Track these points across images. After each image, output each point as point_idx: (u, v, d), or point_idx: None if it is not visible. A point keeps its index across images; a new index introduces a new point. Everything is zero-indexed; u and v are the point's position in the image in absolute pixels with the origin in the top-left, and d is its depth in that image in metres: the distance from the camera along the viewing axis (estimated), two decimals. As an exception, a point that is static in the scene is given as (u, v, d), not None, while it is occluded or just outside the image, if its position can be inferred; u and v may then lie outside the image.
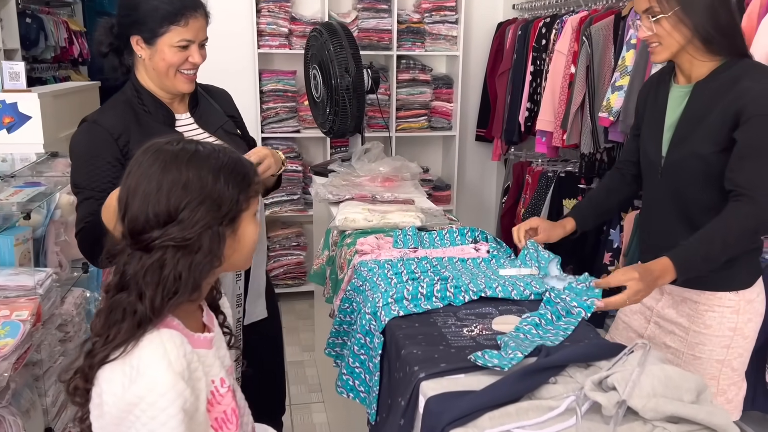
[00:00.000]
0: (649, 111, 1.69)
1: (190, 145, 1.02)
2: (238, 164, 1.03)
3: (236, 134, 1.80)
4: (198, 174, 0.97)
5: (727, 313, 1.58)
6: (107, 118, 1.62)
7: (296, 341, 3.62)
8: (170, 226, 0.95)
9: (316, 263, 2.11)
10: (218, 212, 0.98)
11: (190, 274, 0.96)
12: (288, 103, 3.87)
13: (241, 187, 1.01)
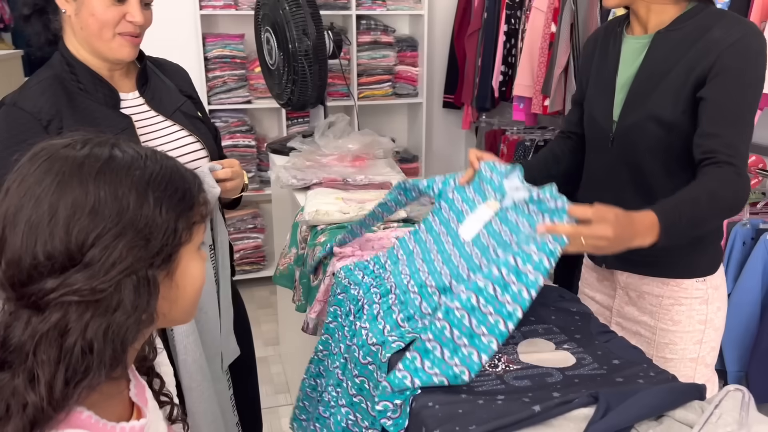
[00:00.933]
0: (596, 69, 1.44)
1: (102, 148, 0.69)
2: (176, 176, 0.72)
3: (197, 117, 1.46)
4: (114, 192, 0.66)
5: (696, 304, 1.39)
6: (31, 99, 1.26)
7: (258, 334, 3.28)
8: (72, 272, 0.64)
9: (282, 263, 1.80)
10: (146, 249, 0.67)
11: (106, 344, 0.64)
12: (236, 70, 3.48)
13: (180, 211, 0.71)
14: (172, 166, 0.72)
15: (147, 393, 0.80)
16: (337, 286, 1.37)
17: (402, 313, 1.13)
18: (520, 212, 1.11)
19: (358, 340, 1.14)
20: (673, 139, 1.29)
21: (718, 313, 1.42)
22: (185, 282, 0.73)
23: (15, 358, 0.63)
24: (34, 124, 1.22)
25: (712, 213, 1.20)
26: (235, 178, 1.37)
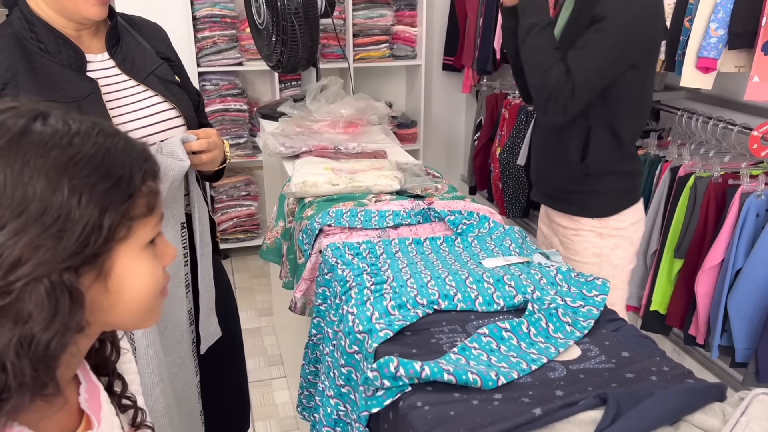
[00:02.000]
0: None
1: (18, 119, 0.56)
2: (111, 159, 0.58)
3: (174, 82, 1.33)
4: (18, 176, 0.53)
5: (591, 237, 1.64)
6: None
7: (251, 304, 3.23)
8: None
9: (269, 237, 1.70)
10: (56, 249, 0.54)
11: (21, 361, 0.53)
12: (227, 30, 3.32)
13: (109, 202, 0.57)
14: (108, 147, 0.58)
15: (102, 397, 0.71)
16: (324, 265, 1.27)
17: (394, 300, 1.04)
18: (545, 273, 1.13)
19: (344, 326, 1.05)
20: None
21: (615, 250, 1.63)
22: (125, 286, 0.61)
23: None
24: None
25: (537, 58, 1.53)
26: (213, 149, 1.26)
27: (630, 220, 1.66)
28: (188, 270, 1.31)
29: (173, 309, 1.27)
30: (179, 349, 1.30)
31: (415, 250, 1.28)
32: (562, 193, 1.68)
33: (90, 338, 0.65)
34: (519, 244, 1.30)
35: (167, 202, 1.22)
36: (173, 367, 1.29)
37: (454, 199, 1.52)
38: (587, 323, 1.00)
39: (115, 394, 0.75)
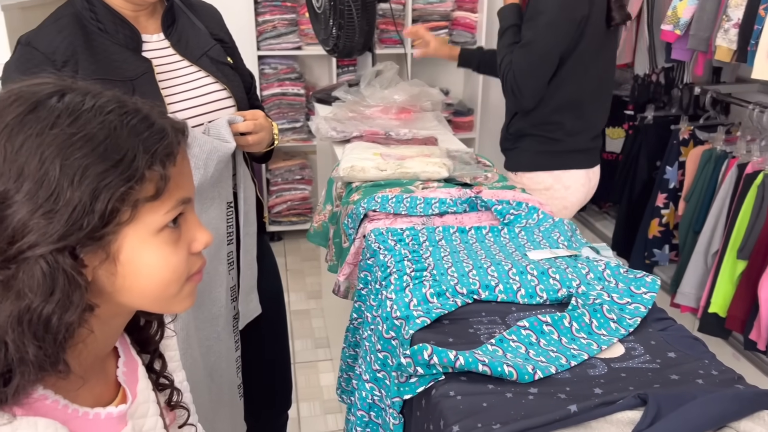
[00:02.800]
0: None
1: (34, 94, 0.57)
2: (113, 137, 0.57)
3: (226, 63, 1.35)
4: (14, 152, 0.54)
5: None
6: (45, 37, 1.18)
7: (301, 286, 3.28)
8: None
9: (317, 220, 1.71)
10: (48, 229, 0.54)
11: (24, 337, 0.54)
12: (287, 14, 3.35)
13: (105, 183, 0.56)
14: (116, 126, 0.57)
15: (139, 371, 0.73)
16: (367, 250, 1.27)
17: (433, 288, 1.03)
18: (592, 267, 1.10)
19: (382, 311, 1.04)
20: None
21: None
22: (135, 271, 0.60)
23: None
24: (47, 65, 1.14)
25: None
26: (259, 131, 1.27)
27: (544, 183, 1.88)
28: (233, 248, 1.33)
29: (212, 285, 1.30)
30: (216, 323, 1.33)
31: (459, 238, 1.26)
32: (502, 149, 2.05)
33: (111, 319, 0.65)
34: (568, 237, 1.26)
35: (214, 181, 1.24)
36: (208, 340, 1.32)
37: (503, 189, 1.49)
38: (633, 321, 0.96)
39: (154, 372, 0.77)
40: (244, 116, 1.26)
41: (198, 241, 0.66)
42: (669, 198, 2.50)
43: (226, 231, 1.30)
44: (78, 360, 0.61)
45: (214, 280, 1.30)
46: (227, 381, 1.40)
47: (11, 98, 0.56)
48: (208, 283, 1.28)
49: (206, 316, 1.31)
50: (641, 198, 2.65)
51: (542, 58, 1.77)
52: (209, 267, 1.28)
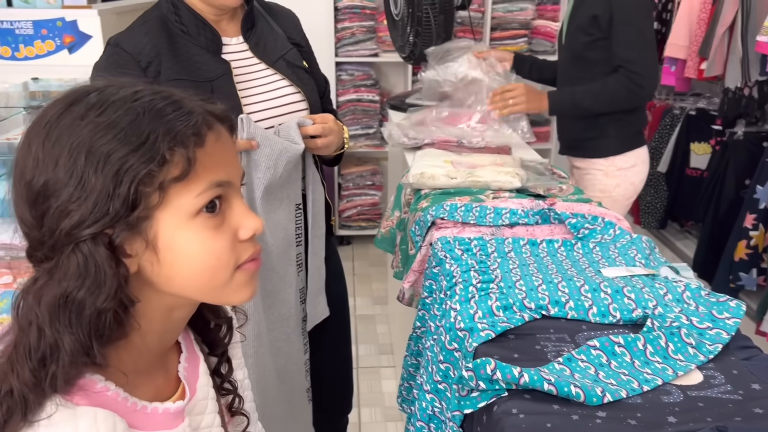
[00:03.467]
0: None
1: (71, 95, 0.59)
2: (136, 123, 0.58)
3: (301, 67, 1.38)
4: (50, 148, 0.57)
5: (599, 176, 2.00)
6: (133, 39, 1.23)
7: (368, 292, 3.29)
8: (36, 234, 0.58)
9: (385, 226, 1.70)
10: (80, 215, 0.56)
11: (58, 325, 0.56)
12: (366, 21, 3.38)
13: (128, 167, 0.56)
14: (138, 111, 0.58)
15: (200, 367, 0.74)
16: (434, 258, 1.25)
17: (499, 301, 1.00)
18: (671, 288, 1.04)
19: (446, 322, 1.02)
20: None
21: (616, 189, 2.00)
22: (176, 257, 0.60)
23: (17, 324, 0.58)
24: (133, 65, 1.19)
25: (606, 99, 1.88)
26: (328, 134, 1.28)
27: (632, 161, 1.99)
28: (301, 250, 1.34)
29: (283, 286, 1.31)
30: (286, 324, 1.34)
31: (529, 251, 1.23)
32: (579, 141, 2.05)
33: (167, 313, 0.66)
34: (646, 255, 1.20)
35: (283, 182, 1.25)
36: (278, 341, 1.34)
37: (578, 202, 1.43)
38: (714, 347, 0.90)
39: (219, 376, 0.77)
40: (313, 119, 1.27)
41: (246, 227, 0.64)
42: (759, 219, 2.35)
43: (295, 232, 1.31)
44: (132, 354, 0.63)
45: (284, 281, 1.31)
46: (297, 384, 1.41)
47: (52, 102, 0.59)
48: (279, 283, 1.30)
49: (276, 317, 1.32)
50: (727, 218, 2.51)
51: (652, 44, 1.88)
52: (279, 267, 1.30)
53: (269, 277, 1.28)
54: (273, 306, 1.31)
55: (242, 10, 1.33)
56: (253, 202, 1.21)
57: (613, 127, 1.96)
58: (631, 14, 1.81)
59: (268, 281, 1.28)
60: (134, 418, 0.61)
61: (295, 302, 1.35)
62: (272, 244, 1.27)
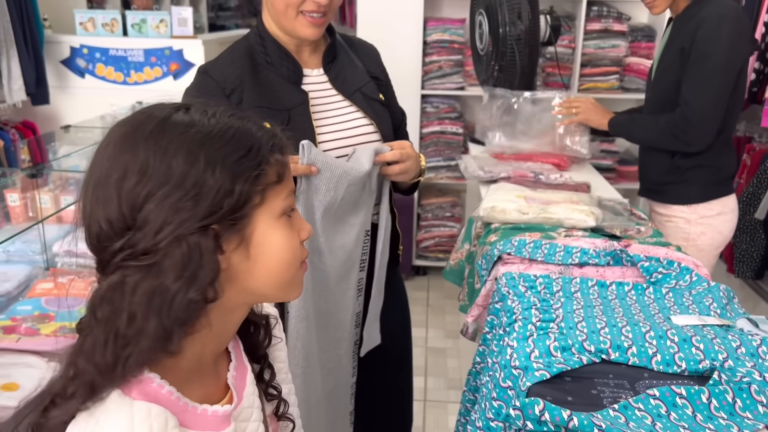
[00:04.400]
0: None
1: (163, 110, 0.66)
2: (240, 134, 0.66)
3: (377, 100, 1.42)
4: (163, 153, 0.62)
5: (681, 223, 1.90)
6: (220, 67, 1.32)
7: (441, 324, 3.26)
8: (130, 235, 0.62)
9: (454, 258, 1.70)
10: (194, 210, 0.62)
11: (149, 312, 0.61)
12: (453, 56, 3.42)
13: (240, 170, 0.64)
14: (238, 126, 0.66)
15: (248, 377, 0.77)
16: (497, 294, 1.24)
17: (558, 342, 0.97)
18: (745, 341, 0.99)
19: (502, 358, 1.01)
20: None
21: (701, 237, 1.89)
22: (263, 252, 0.67)
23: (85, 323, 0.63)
24: (218, 92, 1.27)
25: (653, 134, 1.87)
26: (405, 160, 1.29)
27: (717, 209, 1.88)
28: (363, 276, 1.36)
29: (338, 308, 1.33)
30: (338, 347, 1.36)
31: (597, 292, 1.19)
32: (658, 185, 1.96)
33: (230, 312, 0.71)
34: (722, 304, 1.14)
35: (351, 207, 1.28)
36: (330, 362, 1.35)
37: (656, 245, 1.38)
38: None
39: (263, 381, 0.81)
40: (391, 146, 1.29)
41: (304, 230, 0.73)
42: None
43: (360, 257, 1.33)
44: (192, 352, 0.67)
45: (341, 303, 1.33)
46: (342, 406, 1.43)
47: (140, 119, 0.65)
48: (335, 305, 1.32)
49: (330, 338, 1.34)
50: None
51: (722, 92, 1.78)
52: (337, 290, 1.32)
53: (325, 298, 1.31)
54: (328, 327, 1.33)
55: (324, 43, 1.39)
56: (314, 223, 1.25)
57: (696, 173, 1.87)
58: (709, 51, 1.72)
59: (324, 302, 1.31)
60: (185, 417, 0.65)
61: (350, 326, 1.37)
62: (331, 266, 1.30)
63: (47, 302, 1.43)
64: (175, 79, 3.58)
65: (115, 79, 3.53)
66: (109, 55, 3.49)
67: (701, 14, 1.74)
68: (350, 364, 1.40)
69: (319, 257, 1.28)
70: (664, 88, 1.87)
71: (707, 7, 1.75)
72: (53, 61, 3.43)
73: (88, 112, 3.30)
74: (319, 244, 1.27)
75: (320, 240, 1.26)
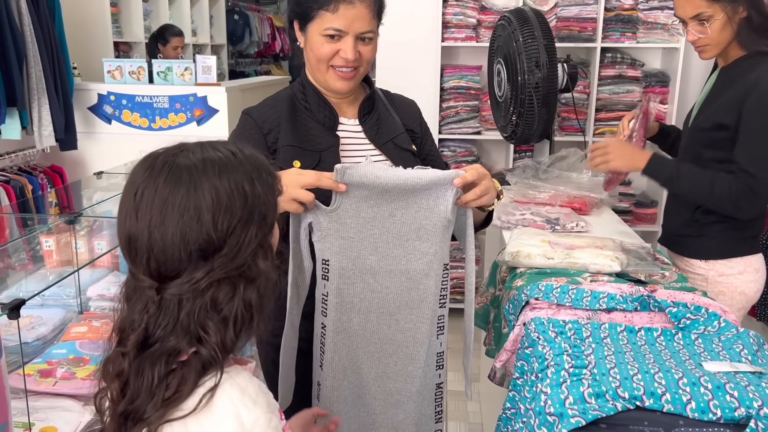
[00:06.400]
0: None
1: (201, 152, 0.82)
2: (261, 160, 0.86)
3: (409, 150, 1.46)
4: (237, 186, 0.80)
5: (698, 280, 1.80)
6: (261, 110, 1.43)
7: (459, 367, 3.24)
8: (216, 258, 0.79)
9: (478, 302, 1.72)
10: (265, 225, 0.84)
11: (264, 300, 0.84)
12: (470, 101, 3.49)
13: (274, 186, 0.86)
14: (256, 154, 0.85)
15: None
16: (526, 339, 1.25)
17: (592, 388, 0.99)
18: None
19: (536, 405, 1.02)
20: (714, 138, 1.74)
21: (719, 296, 1.76)
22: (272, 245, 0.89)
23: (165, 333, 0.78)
24: (256, 131, 1.37)
25: (703, 194, 1.71)
26: (482, 179, 1.27)
27: (738, 268, 1.77)
28: (444, 313, 1.35)
29: (407, 340, 1.34)
30: (410, 382, 1.35)
31: (626, 338, 1.20)
32: (678, 236, 1.88)
33: None
34: (753, 351, 1.15)
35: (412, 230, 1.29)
36: (398, 394, 1.36)
37: (681, 290, 1.39)
38: None
39: None
40: (465, 170, 1.26)
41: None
42: None
43: (439, 292, 1.33)
44: None
45: (410, 335, 1.33)
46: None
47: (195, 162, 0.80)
48: (402, 334, 1.32)
49: (399, 370, 1.34)
50: None
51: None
52: (401, 318, 1.31)
53: (387, 323, 1.31)
54: (394, 356, 1.33)
55: (363, 94, 1.46)
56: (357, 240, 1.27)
57: (717, 227, 1.77)
58: (757, 124, 1.63)
59: (387, 327, 1.31)
60: None
61: (425, 363, 1.35)
62: (389, 289, 1.30)
63: (81, 345, 1.46)
64: (199, 125, 3.67)
65: (141, 125, 3.62)
66: (135, 102, 3.59)
67: (757, 74, 1.64)
68: (431, 407, 1.39)
69: (373, 277, 1.29)
70: (701, 137, 1.77)
71: (762, 66, 1.65)
72: (81, 108, 3.53)
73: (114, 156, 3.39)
74: (371, 263, 1.28)
75: (371, 259, 1.28)
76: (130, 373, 0.78)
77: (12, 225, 1.96)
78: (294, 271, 1.29)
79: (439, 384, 1.40)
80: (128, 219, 0.78)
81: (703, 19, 1.68)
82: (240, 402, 0.79)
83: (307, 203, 1.21)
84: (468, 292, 1.38)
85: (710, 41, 1.71)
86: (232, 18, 6.76)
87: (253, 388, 0.82)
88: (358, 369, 1.34)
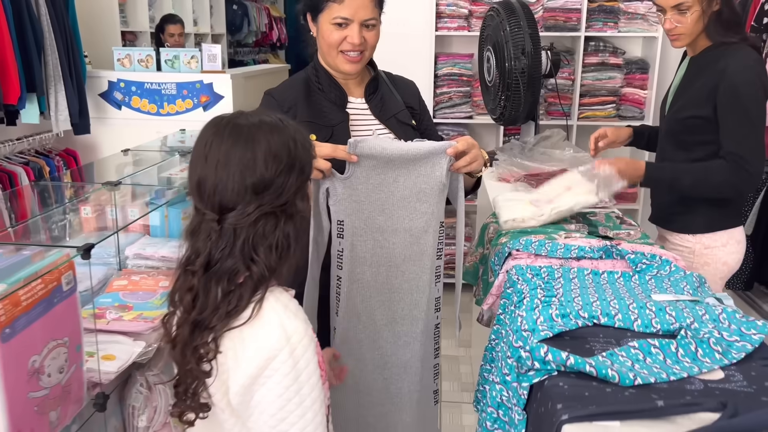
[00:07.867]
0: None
1: (257, 116, 1.03)
2: (299, 127, 1.06)
3: (409, 125, 1.69)
4: (284, 142, 1.01)
5: (685, 252, 1.94)
6: (280, 91, 1.64)
7: (453, 334, 3.47)
8: (265, 194, 0.98)
9: (469, 261, 1.95)
10: (303, 174, 1.04)
11: (300, 232, 1.03)
12: (462, 87, 3.72)
13: (309, 148, 1.06)
14: (297, 124, 1.06)
15: None
16: (508, 282, 1.48)
17: (559, 310, 1.22)
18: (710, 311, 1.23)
19: (513, 325, 1.25)
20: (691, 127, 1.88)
21: (704, 267, 1.90)
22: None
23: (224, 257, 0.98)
24: (277, 109, 1.57)
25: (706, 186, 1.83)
26: (471, 149, 1.48)
27: (722, 241, 1.92)
28: (441, 264, 1.58)
29: (411, 288, 1.54)
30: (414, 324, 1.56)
31: (591, 279, 1.44)
32: (668, 214, 2.02)
33: None
34: (695, 287, 1.38)
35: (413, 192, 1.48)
36: (406, 336, 1.57)
37: (643, 244, 1.63)
38: (738, 355, 1.08)
39: None
40: (456, 141, 1.47)
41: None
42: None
43: (436, 246, 1.55)
44: None
45: (414, 283, 1.53)
46: (424, 383, 1.62)
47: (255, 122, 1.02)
48: (407, 283, 1.53)
49: (405, 314, 1.55)
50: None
51: (763, 140, 1.81)
52: (407, 269, 1.52)
53: (395, 274, 1.53)
54: (401, 302, 1.54)
55: (368, 76, 1.68)
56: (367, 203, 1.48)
57: (705, 204, 1.89)
58: (748, 104, 1.76)
59: (394, 278, 1.53)
60: None
61: (427, 308, 1.56)
62: (395, 245, 1.51)
63: (124, 296, 1.68)
64: (205, 111, 3.86)
65: (150, 110, 3.82)
66: (144, 89, 3.78)
67: (724, 63, 1.77)
68: (431, 344, 1.61)
69: (382, 234, 1.50)
70: (680, 126, 1.90)
71: (731, 55, 1.78)
72: (92, 94, 3.72)
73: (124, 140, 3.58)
74: (379, 222, 1.49)
75: (379, 219, 1.48)
76: (199, 289, 0.99)
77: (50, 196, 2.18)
78: (315, 230, 1.49)
79: (437, 325, 1.63)
80: (199, 164, 0.99)
81: (683, 9, 1.81)
82: (283, 314, 0.99)
83: (325, 171, 1.43)
84: (458, 243, 1.60)
85: (685, 30, 1.84)
86: (231, 8, 6.94)
87: (294, 305, 1.03)
88: (372, 315, 1.55)
